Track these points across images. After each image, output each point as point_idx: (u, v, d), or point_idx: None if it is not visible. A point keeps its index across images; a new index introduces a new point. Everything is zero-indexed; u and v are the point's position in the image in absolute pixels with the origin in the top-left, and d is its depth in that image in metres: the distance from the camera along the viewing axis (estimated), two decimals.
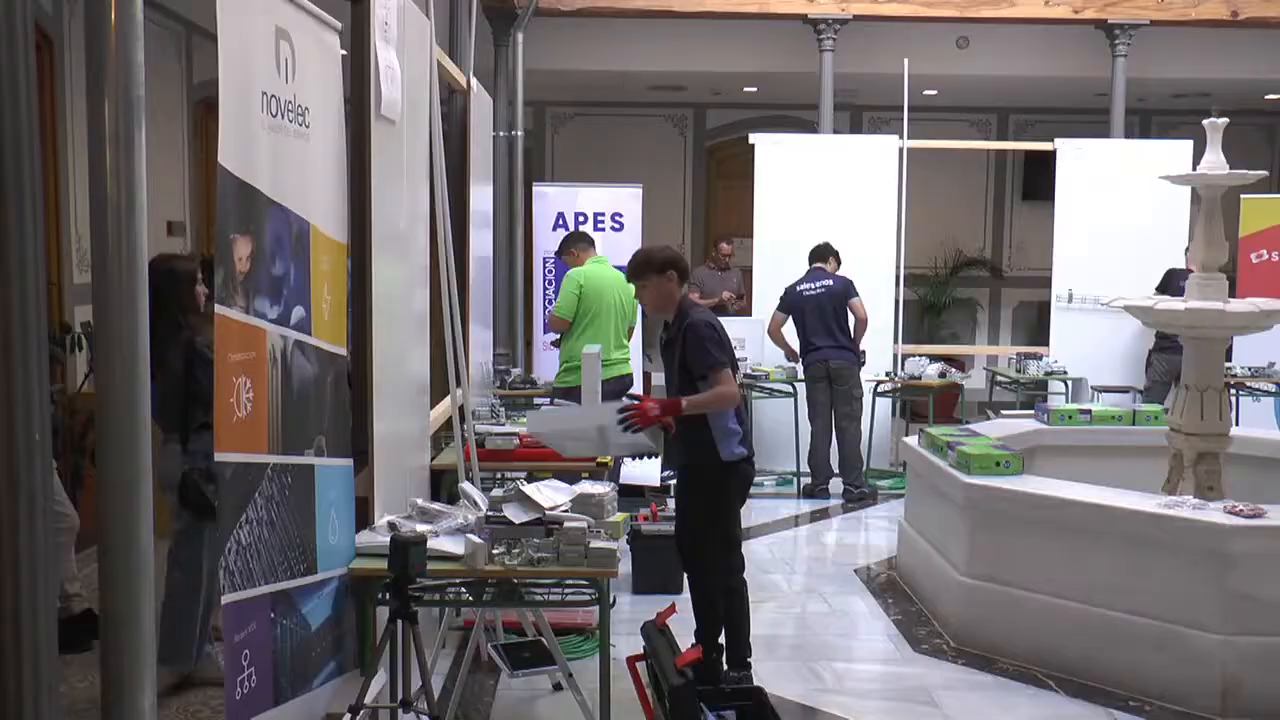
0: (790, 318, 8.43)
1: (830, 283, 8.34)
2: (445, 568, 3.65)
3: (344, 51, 3.89)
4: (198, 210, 9.33)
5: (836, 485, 8.43)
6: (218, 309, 2.94)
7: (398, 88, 4.16)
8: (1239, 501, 4.85)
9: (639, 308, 7.44)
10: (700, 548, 4.77)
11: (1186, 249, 9.02)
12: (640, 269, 4.81)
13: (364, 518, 3.91)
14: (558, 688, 4.64)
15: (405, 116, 4.31)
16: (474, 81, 6.79)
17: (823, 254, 8.50)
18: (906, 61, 9.33)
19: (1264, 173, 5.88)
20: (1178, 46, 10.57)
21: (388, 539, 3.50)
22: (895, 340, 9.33)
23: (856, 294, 8.36)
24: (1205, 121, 5.72)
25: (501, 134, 9.13)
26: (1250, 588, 4.58)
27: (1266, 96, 12.38)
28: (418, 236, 4.69)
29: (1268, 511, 4.71)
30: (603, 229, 9.38)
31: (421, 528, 3.74)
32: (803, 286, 8.37)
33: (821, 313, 8.31)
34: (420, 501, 4.02)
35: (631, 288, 7.39)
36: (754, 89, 12.20)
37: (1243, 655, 4.57)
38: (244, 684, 3.05)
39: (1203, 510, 4.78)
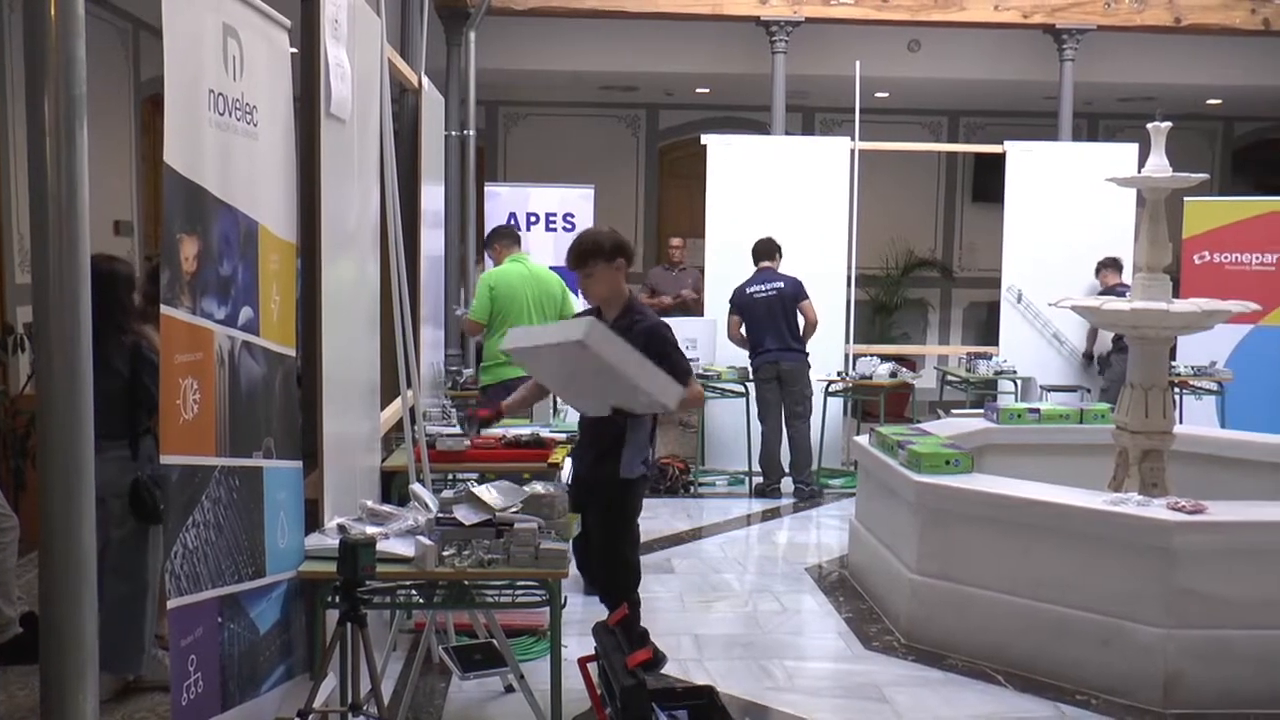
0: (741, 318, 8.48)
1: (781, 284, 8.37)
2: (395, 570, 3.63)
3: (294, 49, 3.86)
4: (145, 210, 9.22)
5: (788, 485, 8.48)
6: (164, 309, 2.91)
7: (348, 86, 4.14)
8: (1182, 498, 4.93)
9: (572, 300, 7.31)
10: (601, 561, 4.71)
11: (1097, 268, 9.22)
12: (588, 256, 4.44)
13: (314, 520, 3.87)
14: (509, 689, 4.62)
15: (356, 115, 4.28)
16: (426, 80, 6.76)
17: (769, 252, 8.53)
18: (858, 64, 9.40)
19: (1205, 176, 5.97)
20: (1123, 51, 10.73)
21: (337, 541, 3.47)
22: (847, 340, 9.40)
23: (807, 296, 8.41)
24: (1149, 125, 5.81)
25: (453, 133, 9.09)
26: (1191, 582, 4.66)
27: (1208, 101, 12.60)
28: (368, 236, 4.66)
29: (1209, 507, 4.79)
30: (554, 229, 9.38)
31: (371, 530, 3.72)
32: (752, 289, 8.39)
33: (772, 315, 8.36)
34: (370, 503, 4.00)
35: (552, 282, 7.35)
36: (706, 90, 12.24)
37: (1184, 648, 4.64)
38: (190, 689, 3.02)
39: (1147, 507, 4.85)
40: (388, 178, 4.69)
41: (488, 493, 3.87)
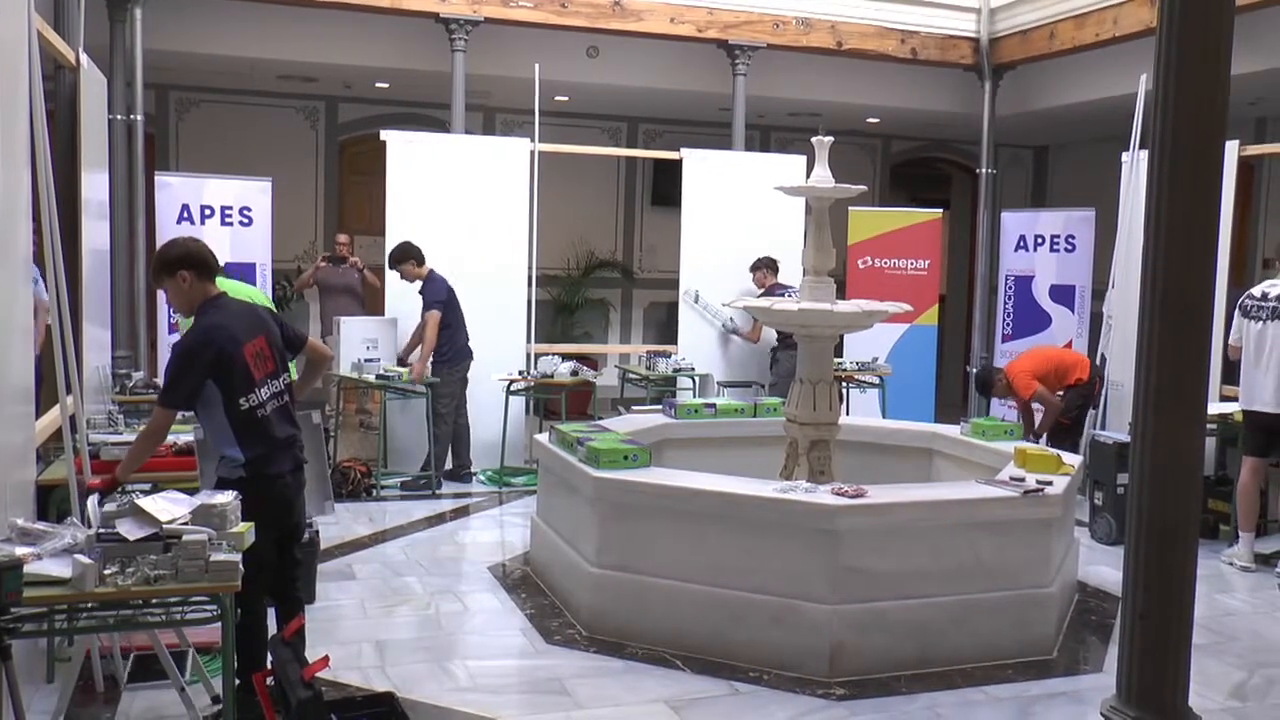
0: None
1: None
2: (49, 593, 3.35)
3: None
4: None
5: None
6: None
7: None
8: (846, 483, 5.30)
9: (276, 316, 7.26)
10: None
11: (752, 268, 9.77)
12: (155, 274, 4.36)
13: None
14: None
15: None
16: (84, 58, 6.32)
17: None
18: (538, 67, 9.51)
19: (864, 188, 6.45)
20: (792, 70, 11.37)
21: None
22: (528, 339, 9.50)
23: None
24: (814, 139, 6.22)
25: (119, 117, 8.52)
26: (853, 560, 5.02)
27: (868, 120, 13.57)
28: (19, 228, 4.30)
29: (869, 491, 5.18)
30: (230, 224, 8.96)
31: (22, 550, 3.41)
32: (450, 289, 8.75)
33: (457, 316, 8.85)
34: (21, 522, 3.67)
35: (257, 297, 7.15)
36: (386, 85, 12.01)
37: (847, 621, 5.00)
38: None
39: (814, 493, 5.19)
40: (40, 163, 4.35)
41: (154, 504, 3.65)
